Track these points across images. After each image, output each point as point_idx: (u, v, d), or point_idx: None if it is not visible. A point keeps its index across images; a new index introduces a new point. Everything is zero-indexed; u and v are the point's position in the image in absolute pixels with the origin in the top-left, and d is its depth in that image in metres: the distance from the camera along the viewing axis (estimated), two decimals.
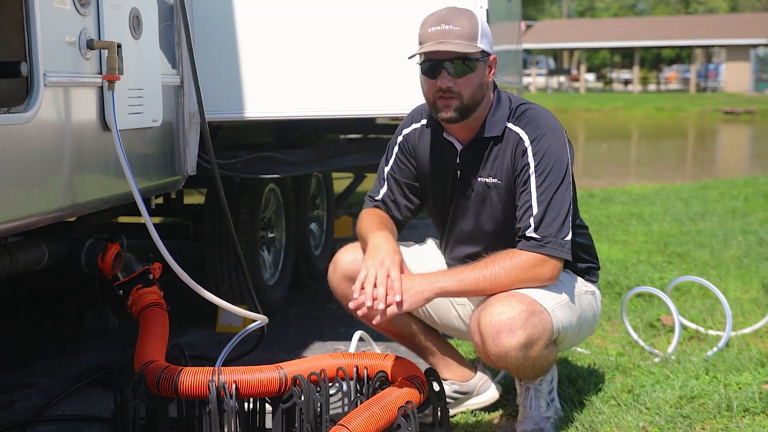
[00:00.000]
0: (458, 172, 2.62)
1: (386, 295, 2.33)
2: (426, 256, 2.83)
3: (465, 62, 2.44)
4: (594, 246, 2.80)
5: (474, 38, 2.44)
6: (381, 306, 2.32)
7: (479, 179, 2.59)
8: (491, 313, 2.39)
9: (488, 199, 2.59)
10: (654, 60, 53.82)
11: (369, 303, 2.33)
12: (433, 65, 2.46)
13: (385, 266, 2.38)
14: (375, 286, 2.34)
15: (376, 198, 2.74)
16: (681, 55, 53.47)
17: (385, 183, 2.74)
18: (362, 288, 2.36)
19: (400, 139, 2.74)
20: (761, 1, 52.32)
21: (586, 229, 2.77)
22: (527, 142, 2.51)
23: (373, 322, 2.38)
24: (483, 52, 2.47)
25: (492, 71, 2.54)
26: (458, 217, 2.68)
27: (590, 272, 2.74)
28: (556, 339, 2.50)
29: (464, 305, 2.76)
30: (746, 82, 38.71)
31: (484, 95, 2.52)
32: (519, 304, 2.39)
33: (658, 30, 42.29)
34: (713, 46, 43.54)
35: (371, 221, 2.63)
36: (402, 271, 2.40)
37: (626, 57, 52.57)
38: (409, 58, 2.51)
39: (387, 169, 2.74)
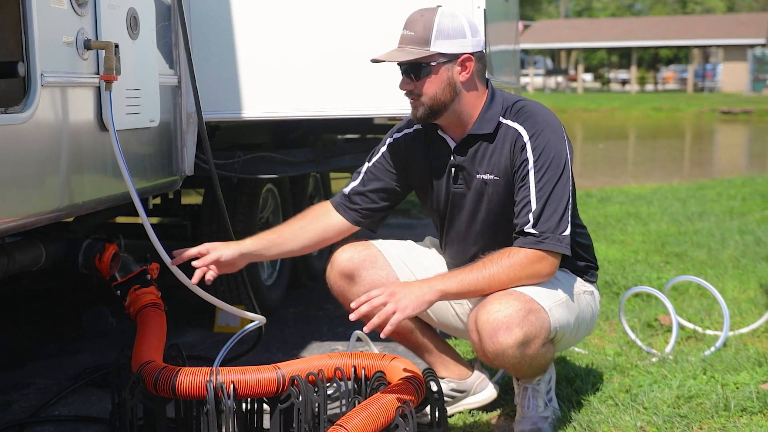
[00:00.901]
0: (453, 169, 2.62)
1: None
2: (423, 255, 2.84)
3: (418, 66, 2.48)
4: (593, 246, 2.80)
5: (426, 43, 2.47)
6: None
7: (477, 176, 2.59)
8: (488, 311, 2.39)
9: (486, 195, 2.59)
10: (651, 60, 53.86)
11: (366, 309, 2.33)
12: (401, 68, 2.52)
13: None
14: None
15: (344, 191, 2.76)
16: (678, 55, 53.51)
17: (360, 176, 2.76)
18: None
19: (389, 140, 2.76)
20: (758, 1, 52.39)
21: (585, 228, 2.77)
22: (526, 138, 2.51)
23: (381, 335, 2.36)
24: (439, 54, 2.47)
25: (468, 70, 2.52)
26: (455, 215, 2.68)
27: (589, 272, 2.74)
28: (554, 338, 2.50)
29: (462, 304, 2.76)
30: (743, 82, 38.76)
31: (454, 95, 2.53)
32: (516, 302, 2.39)
33: (656, 30, 42.32)
34: (710, 46, 43.58)
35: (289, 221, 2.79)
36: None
37: (624, 57, 52.62)
38: (371, 61, 2.55)
39: (368, 165, 2.77)
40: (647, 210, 7.34)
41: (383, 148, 2.76)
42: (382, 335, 2.33)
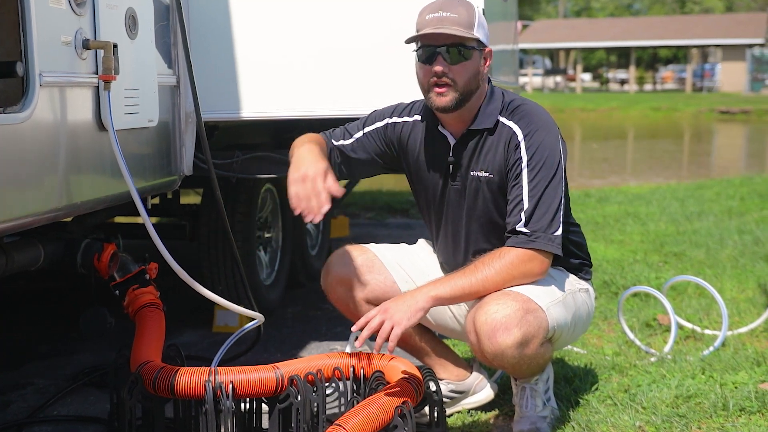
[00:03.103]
0: (450, 167, 2.62)
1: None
2: (418, 257, 2.83)
3: (461, 49, 2.46)
4: (586, 244, 2.80)
5: (471, 26, 2.46)
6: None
7: (471, 173, 2.59)
8: (486, 312, 2.39)
9: (480, 193, 2.59)
10: (650, 60, 53.89)
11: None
12: (429, 51, 2.47)
13: (308, 179, 2.36)
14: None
15: (333, 141, 2.70)
16: (677, 55, 53.54)
17: (351, 140, 2.70)
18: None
19: (389, 120, 2.72)
20: (757, 1, 52.40)
21: (578, 227, 2.77)
22: (520, 137, 2.51)
23: (388, 351, 2.37)
24: (479, 41, 2.48)
25: (487, 63, 2.55)
26: (451, 212, 2.68)
27: (583, 269, 2.74)
28: (552, 337, 2.50)
29: (459, 306, 2.76)
30: (742, 82, 38.81)
31: (478, 85, 2.53)
32: (514, 302, 2.39)
33: (654, 30, 42.34)
34: (709, 45, 43.61)
35: (304, 139, 2.61)
36: (325, 177, 2.36)
37: (622, 57, 52.62)
38: (406, 42, 2.52)
39: (361, 133, 2.71)
40: (646, 210, 7.34)
41: (380, 125, 2.72)
42: (388, 352, 2.35)
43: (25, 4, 2.23)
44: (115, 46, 2.54)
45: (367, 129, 2.74)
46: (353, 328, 2.37)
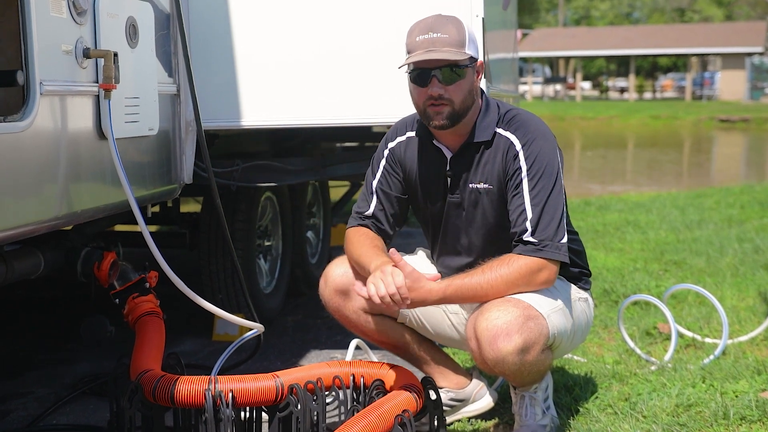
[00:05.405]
0: (449, 179, 2.62)
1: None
2: (416, 266, 2.81)
3: (454, 69, 2.46)
4: (585, 252, 2.80)
5: (462, 45, 2.46)
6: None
7: (470, 185, 2.59)
8: (487, 318, 2.39)
9: (480, 205, 2.59)
10: (650, 68, 53.96)
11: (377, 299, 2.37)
12: (422, 73, 2.47)
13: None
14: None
15: (366, 213, 2.70)
16: (677, 64, 53.61)
17: (374, 196, 2.71)
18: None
19: (386, 152, 2.73)
20: (756, 10, 52.50)
21: (577, 234, 2.77)
22: (518, 146, 2.52)
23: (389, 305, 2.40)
24: (471, 57, 2.48)
25: (479, 76, 2.55)
26: (450, 226, 2.68)
27: (582, 279, 2.74)
28: (552, 344, 2.50)
29: (457, 314, 2.76)
30: (741, 90, 38.87)
31: (474, 100, 2.54)
32: (515, 309, 2.39)
33: (654, 38, 42.43)
34: (709, 54, 43.69)
35: (365, 245, 2.61)
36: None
37: (622, 65, 52.71)
38: (399, 68, 2.52)
39: (375, 182, 2.72)
40: (646, 218, 7.34)
41: (383, 162, 2.73)
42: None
43: (26, 13, 2.24)
44: (115, 54, 2.55)
45: (377, 176, 2.72)
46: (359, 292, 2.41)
